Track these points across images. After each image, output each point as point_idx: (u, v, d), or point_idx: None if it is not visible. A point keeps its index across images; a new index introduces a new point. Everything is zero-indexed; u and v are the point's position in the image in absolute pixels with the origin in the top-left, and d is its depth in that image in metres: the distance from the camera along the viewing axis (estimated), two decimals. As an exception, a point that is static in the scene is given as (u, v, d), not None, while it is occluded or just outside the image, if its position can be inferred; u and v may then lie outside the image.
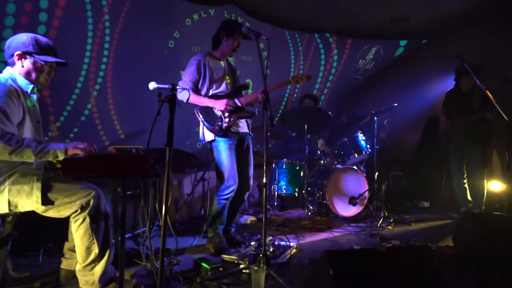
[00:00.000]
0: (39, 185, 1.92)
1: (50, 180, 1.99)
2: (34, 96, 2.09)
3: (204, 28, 4.02)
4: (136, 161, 1.74)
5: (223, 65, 3.00)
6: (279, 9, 4.42)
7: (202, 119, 2.84)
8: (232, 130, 2.88)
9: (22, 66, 1.99)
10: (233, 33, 2.86)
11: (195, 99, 2.79)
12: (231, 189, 2.82)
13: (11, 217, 1.99)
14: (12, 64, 2.01)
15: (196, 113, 2.86)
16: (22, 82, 2.00)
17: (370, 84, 6.13)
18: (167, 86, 1.90)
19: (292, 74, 5.27)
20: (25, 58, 1.99)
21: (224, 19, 3.04)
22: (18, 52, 1.97)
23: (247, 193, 3.06)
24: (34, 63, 2.01)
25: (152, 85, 2.03)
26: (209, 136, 2.85)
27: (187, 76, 2.83)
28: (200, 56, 2.89)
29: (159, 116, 1.76)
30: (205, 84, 2.87)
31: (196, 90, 2.86)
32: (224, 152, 2.82)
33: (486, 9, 4.47)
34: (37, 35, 2.04)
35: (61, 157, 1.85)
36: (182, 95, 2.74)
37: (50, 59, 2.03)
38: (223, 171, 2.81)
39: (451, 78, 4.30)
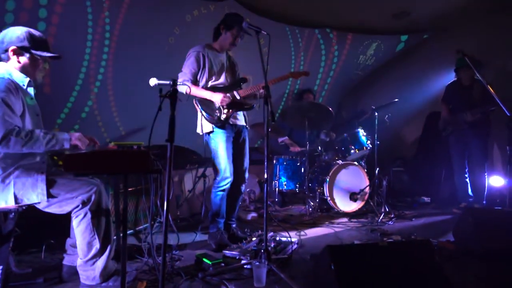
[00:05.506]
0: (43, 177, 1.94)
1: (52, 175, 2.01)
2: (31, 90, 2.08)
3: (204, 24, 4.00)
4: (137, 157, 1.74)
5: (223, 57, 3.00)
6: (279, 5, 4.41)
7: (201, 109, 2.85)
8: (230, 122, 2.90)
9: (18, 62, 1.97)
10: (232, 27, 2.86)
11: (194, 91, 2.80)
12: (227, 181, 2.85)
13: (13, 214, 2.00)
14: (6, 60, 1.97)
15: (195, 104, 2.88)
16: (18, 76, 1.98)
17: (370, 79, 6.11)
18: (168, 82, 1.90)
19: (292, 69, 5.26)
20: (21, 54, 1.96)
21: (224, 14, 3.03)
22: (13, 47, 1.94)
23: (244, 185, 3.08)
24: (30, 59, 1.99)
25: (153, 81, 2.03)
26: (207, 127, 2.87)
27: (186, 68, 2.85)
28: (199, 47, 2.89)
29: (160, 112, 1.76)
30: (204, 75, 2.88)
31: (195, 82, 2.87)
32: (221, 144, 2.84)
33: (487, 4, 4.45)
34: (30, 29, 2.00)
35: (66, 145, 1.91)
36: (181, 88, 2.75)
37: (46, 54, 2.01)
38: (219, 163, 2.84)
39: (452, 73, 4.30)
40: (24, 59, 1.98)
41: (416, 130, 5.63)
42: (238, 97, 2.89)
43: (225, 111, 2.83)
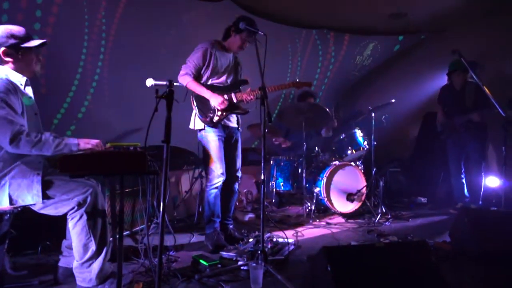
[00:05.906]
0: (39, 178, 1.93)
1: (48, 176, 1.99)
2: (29, 89, 2.07)
3: (200, 25, 4.00)
4: (133, 158, 1.74)
5: (230, 56, 3.00)
6: (276, 5, 4.40)
7: (196, 107, 2.86)
8: (222, 123, 2.92)
9: (12, 62, 1.96)
10: (241, 31, 2.85)
11: (194, 86, 2.81)
12: (220, 179, 2.87)
13: (8, 215, 1.99)
14: (1, 63, 1.96)
15: (191, 100, 2.89)
16: (15, 76, 1.97)
17: (367, 80, 6.13)
18: (165, 82, 1.90)
19: (289, 70, 5.26)
20: (13, 54, 1.94)
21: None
22: (3, 49, 1.92)
23: (237, 183, 3.09)
24: (23, 55, 1.97)
25: (150, 82, 2.03)
26: (199, 124, 2.89)
27: (191, 61, 2.85)
28: (208, 44, 2.89)
29: (157, 113, 1.75)
30: (207, 73, 2.89)
31: (198, 77, 2.88)
32: (213, 142, 2.87)
33: (485, 5, 4.47)
34: (6, 26, 1.96)
35: (74, 149, 1.92)
36: (183, 79, 2.80)
37: (35, 41, 1.99)
38: (211, 161, 2.86)
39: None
40: (16, 57, 1.96)
41: (413, 131, 5.65)
42: (234, 100, 2.91)
43: (219, 113, 2.84)
